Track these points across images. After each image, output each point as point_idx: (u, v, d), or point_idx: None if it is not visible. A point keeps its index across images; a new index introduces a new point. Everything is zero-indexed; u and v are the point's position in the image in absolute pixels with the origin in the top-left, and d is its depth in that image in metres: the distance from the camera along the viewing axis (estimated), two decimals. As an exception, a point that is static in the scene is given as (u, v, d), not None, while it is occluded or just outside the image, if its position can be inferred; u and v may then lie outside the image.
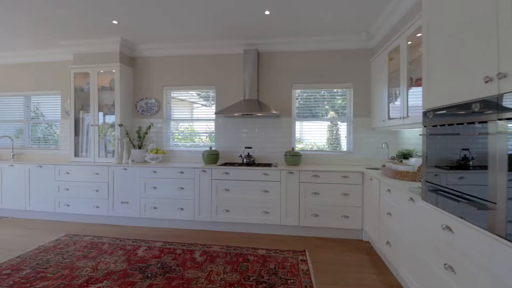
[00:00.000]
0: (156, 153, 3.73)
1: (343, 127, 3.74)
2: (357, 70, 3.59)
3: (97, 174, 3.56)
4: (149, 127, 3.87)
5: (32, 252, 2.67)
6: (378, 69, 3.22)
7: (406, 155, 2.77)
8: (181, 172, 3.35)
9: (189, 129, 4.11)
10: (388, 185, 2.30)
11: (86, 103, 3.90)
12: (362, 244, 2.93)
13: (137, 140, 3.89)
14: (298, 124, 3.80)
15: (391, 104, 2.95)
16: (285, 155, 3.45)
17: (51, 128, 4.61)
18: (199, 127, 4.08)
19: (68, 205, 3.65)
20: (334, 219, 3.05)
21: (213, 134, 3.95)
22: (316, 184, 3.08)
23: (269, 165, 3.41)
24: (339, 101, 3.75)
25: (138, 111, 4.02)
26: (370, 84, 3.55)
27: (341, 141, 3.76)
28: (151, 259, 2.53)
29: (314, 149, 3.82)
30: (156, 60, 4.01)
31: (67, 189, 3.65)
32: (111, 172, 3.52)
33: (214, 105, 3.89)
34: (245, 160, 3.54)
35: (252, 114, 3.44)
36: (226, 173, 3.24)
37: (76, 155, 3.92)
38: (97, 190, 3.56)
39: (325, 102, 3.77)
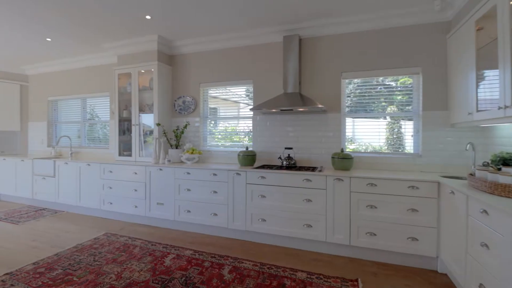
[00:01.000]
0: (192, 153, 3.56)
1: (408, 124, 3.00)
2: (427, 51, 2.82)
3: (135, 173, 3.54)
4: (185, 126, 3.72)
5: (69, 251, 2.69)
6: (460, 45, 2.43)
7: (507, 161, 1.97)
8: (214, 175, 3.08)
9: (229, 128, 3.84)
10: (482, 204, 1.61)
11: (130, 103, 3.95)
12: (437, 278, 2.22)
13: (175, 139, 3.78)
14: (349, 120, 3.19)
15: (480, 91, 2.17)
16: (332, 157, 2.90)
17: (104, 128, 4.88)
18: (238, 125, 3.78)
19: (111, 203, 3.73)
20: (397, 240, 2.39)
21: (251, 134, 3.61)
22: (373, 195, 2.46)
23: (312, 169, 2.91)
24: (400, 96, 3.01)
25: (176, 110, 3.92)
26: (446, 67, 2.75)
27: (405, 141, 3.02)
28: (176, 271, 2.28)
29: (369, 150, 3.16)
30: (192, 56, 3.86)
31: (110, 188, 3.73)
32: (148, 172, 3.46)
33: (252, 101, 3.54)
34: (284, 162, 3.10)
35: (292, 110, 2.98)
36: (262, 177, 2.85)
37: (120, 154, 4.01)
38: (135, 190, 3.54)
39: (384, 93, 3.08)
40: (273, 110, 3.03)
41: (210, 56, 3.75)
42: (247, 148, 3.31)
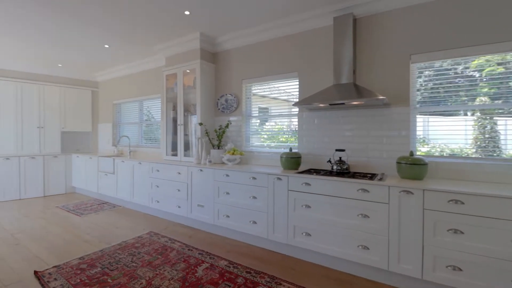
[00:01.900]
0: (233, 154, 3.35)
1: (508, 119, 2.17)
2: (549, 14, 1.97)
3: (179, 173, 3.52)
4: (226, 125, 3.54)
5: (113, 248, 2.76)
6: None
7: None
8: (253, 178, 2.79)
9: (275, 127, 3.52)
10: None
11: (177, 103, 3.99)
12: None
13: (217, 139, 3.64)
14: (420, 116, 2.51)
15: None
16: (398, 162, 2.29)
17: (159, 128, 5.10)
18: (284, 124, 3.42)
19: (158, 202, 3.80)
20: (501, 280, 1.69)
21: (296, 133, 3.21)
22: (458, 215, 1.81)
23: (370, 176, 2.36)
24: (490, 89, 2.20)
25: (219, 109, 3.78)
26: None
27: (501, 142, 2.20)
28: (206, 285, 2.06)
29: (446, 154, 2.42)
30: (234, 52, 3.65)
31: (157, 186, 3.81)
32: (189, 173, 3.39)
33: (298, 97, 3.13)
34: (335, 167, 2.61)
35: (344, 104, 2.47)
36: (307, 183, 2.43)
37: (167, 153, 4.09)
38: (178, 190, 3.52)
39: (472, 82, 2.31)
40: (321, 105, 2.58)
41: (252, 50, 3.48)
42: (290, 149, 2.92)
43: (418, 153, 2.51)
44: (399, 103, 2.50)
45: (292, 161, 2.82)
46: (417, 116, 2.50)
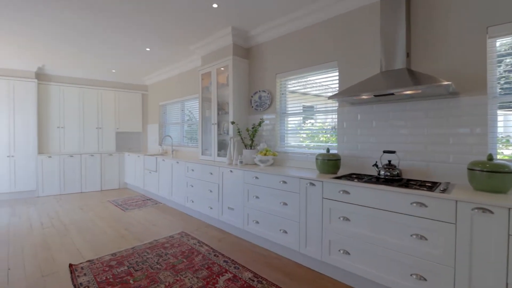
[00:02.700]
0: (265, 154, 3.10)
1: None
2: None
3: (211, 174, 3.43)
4: (259, 124, 3.31)
5: (144, 246, 2.78)
6: None
7: None
8: (284, 182, 2.50)
9: (313, 125, 3.16)
10: None
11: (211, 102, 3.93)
12: None
13: (249, 139, 3.45)
14: (502, 109, 1.88)
15: None
16: (470, 169, 1.73)
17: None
18: (323, 121, 3.04)
19: (192, 201, 3.79)
20: None
21: (334, 132, 2.79)
22: None
23: (430, 186, 1.85)
24: None
25: (252, 107, 3.58)
26: None
27: None
28: (224, 300, 1.87)
29: (554, 159, 1.75)
30: (267, 45, 3.40)
31: (192, 186, 3.79)
32: (220, 173, 3.27)
33: (338, 89, 2.72)
34: (382, 172, 2.15)
35: (393, 94, 2.00)
36: (345, 191, 2.04)
37: (203, 153, 4.06)
38: (210, 191, 3.43)
39: None
40: (364, 97, 2.14)
41: (285, 42, 3.18)
42: (327, 150, 2.54)
43: (499, 156, 1.89)
44: (472, 92, 1.92)
45: (329, 164, 2.44)
46: (497, 108, 1.88)
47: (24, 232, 3.16)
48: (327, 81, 2.86)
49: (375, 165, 2.25)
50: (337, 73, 2.70)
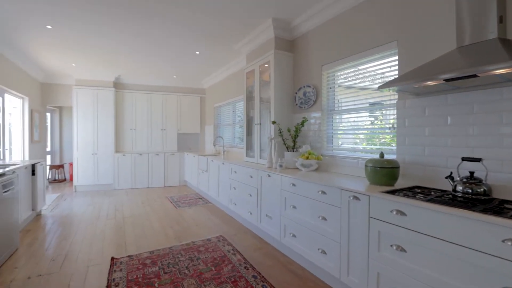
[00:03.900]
0: (307, 158, 2.73)
1: None
2: None
3: (251, 177, 3.24)
4: (302, 123, 2.94)
5: (181, 247, 2.78)
6: None
7: None
8: (323, 193, 2.09)
9: (365, 123, 2.63)
10: None
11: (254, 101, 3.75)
12: None
13: (291, 140, 3.11)
14: None
15: None
16: None
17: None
18: (375, 118, 2.48)
19: (235, 204, 3.68)
20: None
21: (392, 132, 2.20)
22: None
23: (542, 215, 1.19)
24: None
25: (297, 104, 3.23)
26: None
27: None
28: (239, 326, 1.63)
29: None
30: (312, 34, 2.99)
31: (235, 188, 3.69)
32: (259, 177, 3.04)
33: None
34: (459, 187, 1.53)
35: (477, 76, 1.37)
36: (400, 212, 1.52)
37: (247, 154, 3.91)
38: (250, 195, 3.25)
39: None
40: (431, 83, 1.57)
41: (332, 26, 2.71)
42: (381, 154, 2.00)
43: None
44: None
45: (382, 173, 1.91)
46: None
47: (91, 221, 3.61)
48: (383, 69, 2.29)
49: (450, 177, 1.64)
50: (396, 57, 2.12)
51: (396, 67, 2.12)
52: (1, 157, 4.27)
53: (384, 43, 2.20)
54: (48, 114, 6.84)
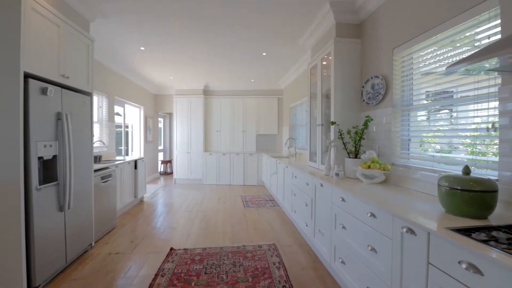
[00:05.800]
0: (369, 167, 2.19)
1: None
2: None
3: (307, 184, 2.92)
4: (365, 123, 2.39)
5: (231, 249, 2.80)
6: None
7: None
8: (372, 216, 1.60)
9: (456, 123, 1.86)
10: None
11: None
12: None
13: (353, 144, 2.58)
14: None
15: None
16: None
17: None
18: (465, 115, 1.70)
19: (295, 212, 3.43)
20: None
21: (482, 136, 1.42)
22: None
23: None
24: None
25: (363, 100, 2.66)
26: None
27: None
28: None
29: None
30: (381, 11, 2.36)
31: (295, 195, 3.43)
32: (313, 185, 2.69)
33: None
34: None
35: None
36: (475, 269, 0.95)
37: (310, 158, 3.57)
38: (306, 204, 2.93)
39: None
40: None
41: (410, -7, 2.04)
42: (466, 169, 1.33)
43: None
44: None
45: (465, 198, 1.26)
46: None
47: (172, 211, 4.18)
48: (479, 39, 1.52)
49: None
50: (498, 21, 1.36)
51: (498, 36, 1.37)
52: (124, 154, 5.58)
53: (479, 2, 1.46)
54: (161, 119, 8.47)
